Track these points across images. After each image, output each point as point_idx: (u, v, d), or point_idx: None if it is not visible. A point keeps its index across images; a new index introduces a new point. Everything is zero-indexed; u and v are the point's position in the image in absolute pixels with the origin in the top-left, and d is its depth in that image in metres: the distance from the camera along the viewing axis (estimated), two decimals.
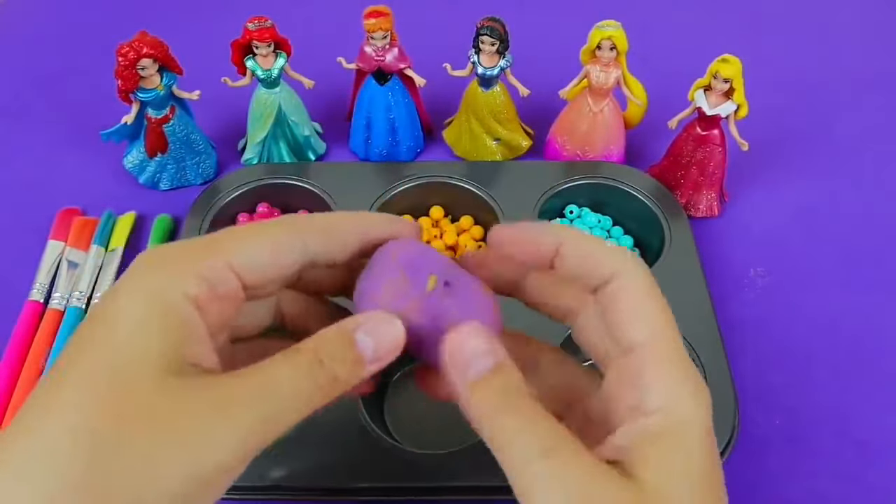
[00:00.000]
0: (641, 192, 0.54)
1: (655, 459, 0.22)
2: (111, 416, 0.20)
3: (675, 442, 0.22)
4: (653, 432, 0.23)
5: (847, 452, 0.44)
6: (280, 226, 0.26)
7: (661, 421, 0.23)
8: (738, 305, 0.51)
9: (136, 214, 0.56)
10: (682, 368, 0.24)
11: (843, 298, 0.52)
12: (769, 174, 0.60)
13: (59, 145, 0.62)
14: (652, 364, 0.23)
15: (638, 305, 0.24)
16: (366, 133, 0.59)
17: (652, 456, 0.22)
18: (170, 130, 0.55)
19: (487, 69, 0.54)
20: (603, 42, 0.52)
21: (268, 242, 0.25)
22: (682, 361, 0.24)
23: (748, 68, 0.50)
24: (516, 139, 0.60)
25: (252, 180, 0.55)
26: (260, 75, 0.55)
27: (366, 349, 0.24)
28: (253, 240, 0.25)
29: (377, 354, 0.24)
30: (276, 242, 0.25)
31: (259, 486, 0.39)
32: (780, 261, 0.54)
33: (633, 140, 0.60)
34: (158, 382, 0.21)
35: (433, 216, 0.55)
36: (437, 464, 0.40)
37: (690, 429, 0.23)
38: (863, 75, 0.69)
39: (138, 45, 0.50)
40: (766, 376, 0.48)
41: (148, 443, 0.20)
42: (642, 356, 0.23)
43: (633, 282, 0.24)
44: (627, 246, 0.54)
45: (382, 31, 0.53)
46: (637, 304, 0.24)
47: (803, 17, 0.76)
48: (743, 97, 0.51)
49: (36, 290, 0.50)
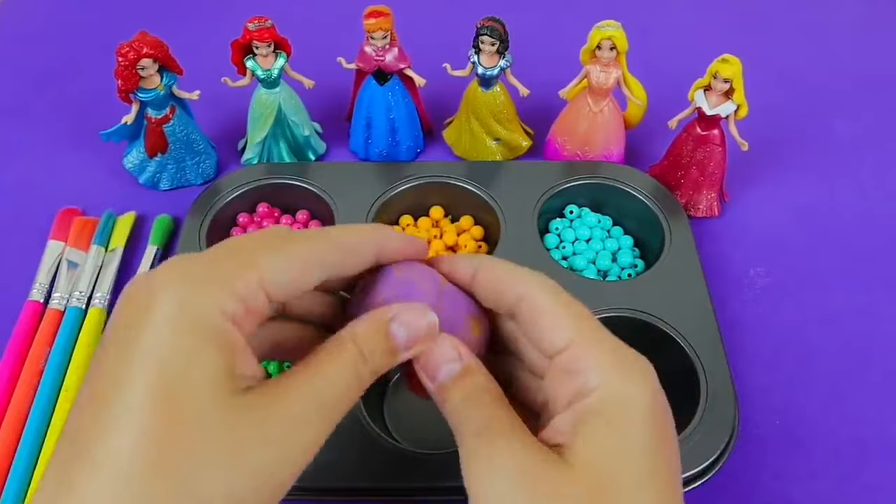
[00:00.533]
0: (641, 192, 0.54)
1: (589, 436, 0.23)
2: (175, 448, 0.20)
3: (611, 419, 0.23)
4: (589, 411, 0.23)
5: (847, 452, 0.44)
6: (308, 241, 0.25)
7: (597, 400, 0.23)
8: (737, 305, 0.51)
9: (136, 214, 0.56)
10: (614, 353, 0.25)
11: (843, 298, 0.52)
12: (769, 174, 0.60)
13: (59, 145, 0.62)
14: (583, 353, 0.24)
15: (551, 315, 0.25)
16: (366, 133, 0.59)
17: (587, 433, 0.23)
18: (170, 130, 0.55)
19: (487, 69, 0.54)
20: (603, 42, 0.52)
21: (298, 259, 0.25)
22: (615, 348, 0.25)
23: (748, 68, 0.50)
24: (516, 139, 0.60)
25: (252, 180, 0.55)
26: (260, 75, 0.55)
27: (400, 340, 0.25)
28: (284, 256, 0.24)
29: (409, 344, 0.25)
30: (305, 260, 0.25)
31: None
32: (780, 261, 0.54)
33: (633, 140, 0.60)
34: (219, 405, 0.21)
35: (433, 216, 0.55)
36: (437, 464, 0.40)
37: (629, 406, 0.23)
38: (863, 75, 0.69)
39: (138, 45, 0.50)
40: (766, 376, 0.48)
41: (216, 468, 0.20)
42: (572, 351, 0.25)
43: (540, 296, 0.26)
44: (627, 246, 0.54)
45: (382, 31, 0.53)
46: (549, 314, 0.26)
47: (803, 16, 0.76)
48: (743, 97, 0.51)
49: (36, 290, 0.50)
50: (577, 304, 0.26)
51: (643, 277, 0.50)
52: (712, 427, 0.41)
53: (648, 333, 0.46)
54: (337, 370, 0.24)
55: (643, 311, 0.46)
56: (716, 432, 0.41)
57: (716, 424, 0.41)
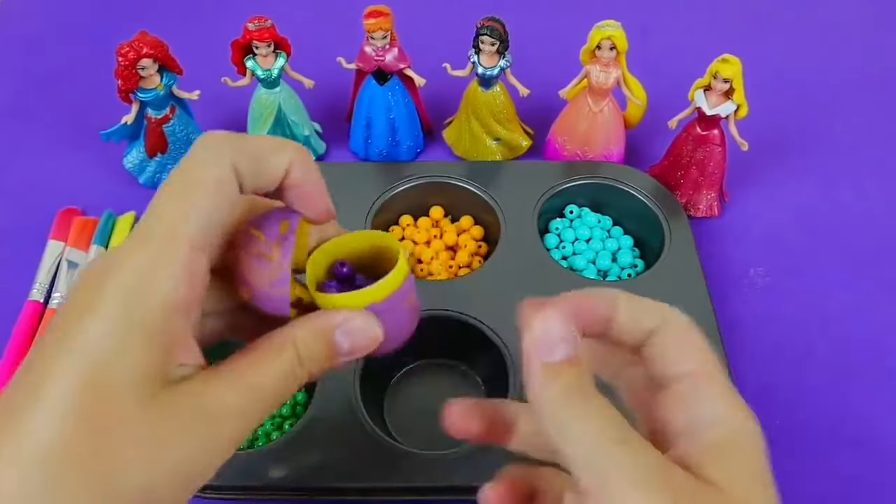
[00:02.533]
0: (641, 192, 0.54)
1: (725, 463, 0.23)
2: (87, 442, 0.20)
3: (739, 448, 0.24)
4: (717, 441, 0.24)
5: (847, 452, 0.44)
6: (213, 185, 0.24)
7: (724, 430, 0.24)
8: (737, 305, 0.51)
9: (136, 214, 0.56)
10: (731, 390, 0.25)
11: (843, 298, 0.52)
12: (769, 174, 0.60)
13: (59, 145, 0.62)
14: (706, 384, 0.25)
15: (684, 343, 0.25)
16: (366, 133, 0.59)
17: (720, 461, 0.23)
18: (170, 130, 0.55)
19: (487, 69, 0.54)
20: (603, 42, 0.52)
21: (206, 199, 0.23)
22: (731, 386, 0.25)
23: (748, 68, 0.50)
24: (516, 139, 0.60)
25: None
26: (260, 75, 0.55)
27: (342, 349, 0.25)
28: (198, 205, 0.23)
29: (351, 352, 0.25)
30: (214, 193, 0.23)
31: (259, 486, 0.39)
32: (779, 261, 0.54)
33: (633, 140, 0.60)
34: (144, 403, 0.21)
35: (433, 216, 0.55)
36: (437, 464, 0.40)
37: (749, 437, 0.24)
38: (863, 75, 0.69)
39: (138, 45, 0.50)
40: (766, 376, 0.48)
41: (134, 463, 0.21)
42: (696, 380, 0.25)
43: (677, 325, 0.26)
44: (627, 246, 0.54)
45: (382, 31, 0.53)
46: (683, 341, 0.25)
47: (803, 16, 0.76)
48: (743, 97, 0.51)
49: (36, 290, 0.50)
50: (705, 339, 0.26)
51: (643, 277, 0.50)
52: None
53: None
54: (273, 370, 0.24)
55: None
56: None
57: None
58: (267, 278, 0.25)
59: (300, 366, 0.24)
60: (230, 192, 0.24)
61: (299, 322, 0.25)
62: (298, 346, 0.24)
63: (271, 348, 0.24)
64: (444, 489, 0.39)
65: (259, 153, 0.24)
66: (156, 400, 0.21)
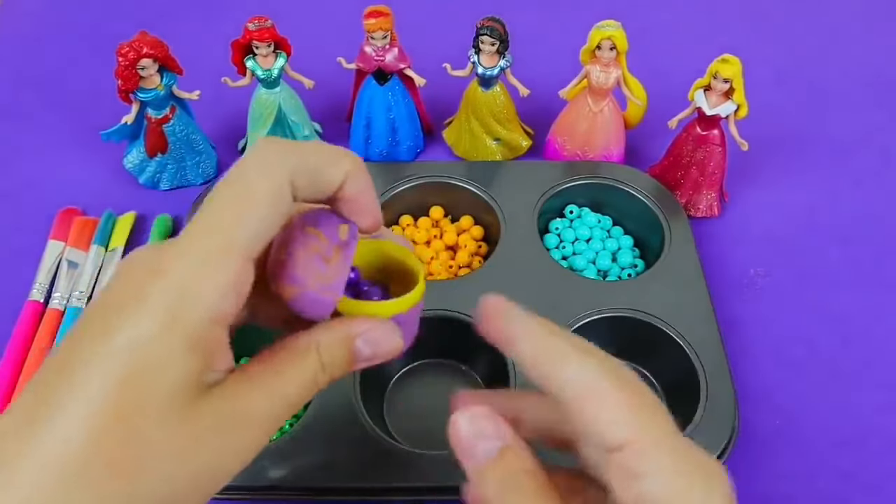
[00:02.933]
0: (641, 192, 0.54)
1: None
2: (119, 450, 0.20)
3: None
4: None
5: (846, 452, 0.44)
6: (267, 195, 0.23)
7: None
8: (738, 305, 0.51)
9: (136, 214, 0.56)
10: (677, 454, 0.23)
11: (843, 298, 0.52)
12: (769, 174, 0.60)
13: (59, 145, 0.62)
14: (643, 456, 0.22)
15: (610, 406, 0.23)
16: (366, 133, 0.59)
17: None
18: (170, 130, 0.55)
19: (487, 69, 0.54)
20: (603, 42, 0.52)
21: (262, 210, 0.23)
22: (677, 448, 0.23)
23: (748, 68, 0.50)
24: (516, 139, 0.60)
25: None
26: (260, 75, 0.55)
27: (363, 355, 0.26)
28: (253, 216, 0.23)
29: (370, 360, 0.26)
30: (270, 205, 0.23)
31: (258, 486, 0.39)
32: (780, 261, 0.54)
33: (633, 140, 0.60)
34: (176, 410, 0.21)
35: (433, 216, 0.55)
36: (437, 464, 0.40)
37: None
38: (863, 75, 0.69)
39: (138, 45, 0.50)
40: (766, 376, 0.48)
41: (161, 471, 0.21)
42: (633, 450, 0.22)
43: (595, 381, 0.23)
44: (627, 246, 0.54)
45: (382, 31, 0.53)
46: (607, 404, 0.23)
47: (803, 16, 0.76)
48: (743, 97, 0.51)
49: (36, 290, 0.50)
50: (639, 392, 0.23)
51: (643, 277, 0.50)
52: (712, 427, 0.41)
53: (648, 333, 0.46)
54: (298, 377, 0.24)
55: (643, 311, 0.46)
56: (716, 432, 0.41)
57: (716, 424, 0.41)
58: (320, 280, 0.24)
59: (322, 371, 0.25)
60: (285, 204, 0.24)
61: (321, 328, 0.25)
62: (321, 351, 0.25)
63: (297, 353, 0.24)
64: (444, 489, 0.39)
65: (316, 166, 0.24)
66: (190, 407, 0.21)
